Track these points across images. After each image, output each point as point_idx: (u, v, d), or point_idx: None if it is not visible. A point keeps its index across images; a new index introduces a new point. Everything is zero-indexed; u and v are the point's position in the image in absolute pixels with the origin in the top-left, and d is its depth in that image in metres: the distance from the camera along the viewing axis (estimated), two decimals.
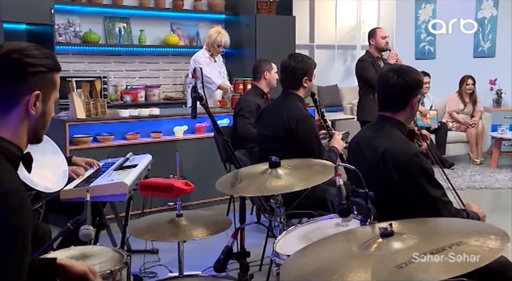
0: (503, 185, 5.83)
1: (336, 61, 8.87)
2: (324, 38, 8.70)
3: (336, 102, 8.34)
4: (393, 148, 2.11)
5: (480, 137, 7.06)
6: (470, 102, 7.21)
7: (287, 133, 3.13)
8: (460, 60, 7.97)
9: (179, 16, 7.04)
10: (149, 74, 6.89)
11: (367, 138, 2.28)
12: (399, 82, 2.18)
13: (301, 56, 3.24)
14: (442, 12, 8.04)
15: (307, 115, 3.16)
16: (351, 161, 2.41)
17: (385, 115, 2.25)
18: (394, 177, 2.07)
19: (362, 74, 5.13)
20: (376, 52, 5.21)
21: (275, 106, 3.34)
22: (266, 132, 3.30)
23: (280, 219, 2.10)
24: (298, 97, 3.24)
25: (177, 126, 4.89)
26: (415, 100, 2.22)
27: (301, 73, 3.20)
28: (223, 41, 5.44)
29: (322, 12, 8.68)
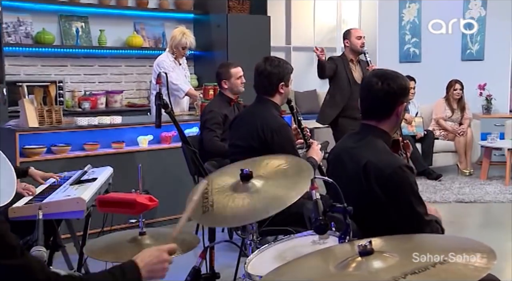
0: (493, 198, 5.93)
1: (314, 65, 8.92)
2: (301, 40, 8.78)
3: (314, 109, 8.38)
4: (375, 160, 2.13)
5: (469, 146, 7.19)
6: (458, 108, 7.34)
7: (262, 143, 3.14)
8: (447, 63, 8.11)
9: (143, 15, 7.03)
10: (110, 79, 6.84)
11: (349, 148, 2.30)
12: (383, 88, 2.20)
13: (277, 60, 3.27)
14: (427, 12, 8.18)
15: (283, 123, 3.18)
16: (331, 173, 2.43)
17: (368, 124, 2.27)
18: (376, 191, 2.09)
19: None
20: (351, 55, 5.27)
21: (249, 114, 3.35)
22: (239, 142, 3.31)
23: (253, 237, 2.11)
24: (273, 104, 3.26)
25: (141, 136, 4.87)
26: (400, 108, 2.24)
27: (277, 78, 3.22)
28: (188, 42, 5.45)
29: (299, 12, 8.76)
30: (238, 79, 4.47)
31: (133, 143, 4.85)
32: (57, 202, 2.75)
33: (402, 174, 2.10)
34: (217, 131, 4.28)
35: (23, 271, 1.37)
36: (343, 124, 5.30)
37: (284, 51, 8.63)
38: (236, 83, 4.47)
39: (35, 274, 1.40)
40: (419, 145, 7.02)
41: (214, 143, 4.23)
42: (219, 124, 4.31)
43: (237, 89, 4.48)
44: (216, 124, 4.29)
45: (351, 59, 5.29)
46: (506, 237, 4.71)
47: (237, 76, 4.47)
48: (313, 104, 8.47)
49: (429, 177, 6.80)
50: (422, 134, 7.09)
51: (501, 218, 5.47)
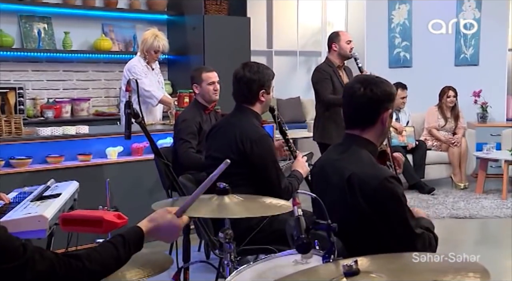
0: (490, 213, 6.00)
1: (298, 70, 9.01)
2: (284, 43, 8.84)
3: (298, 118, 8.45)
4: (360, 172, 2.16)
5: (463, 158, 7.27)
6: (451, 117, 7.43)
7: (240, 155, 3.15)
8: (440, 68, 8.20)
9: (113, 16, 7.03)
10: (76, 85, 6.82)
11: (333, 160, 2.32)
12: (366, 94, 2.23)
13: (257, 65, 3.28)
14: (419, 14, 8.27)
15: (264, 134, 3.19)
16: (315, 188, 2.45)
17: (352, 134, 2.30)
18: (361, 205, 2.11)
19: (316, 87, 5.16)
20: (338, 60, 5.25)
21: (227, 123, 3.36)
22: (216, 154, 3.31)
23: (230, 257, 2.11)
24: (253, 113, 3.27)
25: (110, 147, 4.85)
26: (386, 115, 2.26)
27: (257, 86, 3.24)
28: (161, 46, 5.45)
29: (282, 13, 8.82)
30: (210, 85, 4.45)
31: (101, 155, 4.83)
32: (16, 220, 2.72)
33: (389, 186, 2.12)
34: (192, 142, 4.27)
35: (25, 268, 1.47)
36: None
37: (265, 56, 8.68)
38: (208, 89, 4.46)
39: (35, 267, 1.48)
40: (410, 157, 7.08)
41: (189, 155, 4.23)
42: (194, 134, 4.30)
43: (209, 96, 4.47)
44: (190, 134, 4.29)
45: (339, 65, 5.28)
46: (504, 254, 4.76)
47: (209, 81, 4.46)
48: (297, 112, 8.51)
49: (421, 191, 6.86)
50: (414, 145, 7.16)
51: (498, 234, 5.53)
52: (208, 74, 4.49)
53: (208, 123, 4.42)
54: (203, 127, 4.34)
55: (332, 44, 5.25)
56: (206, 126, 4.37)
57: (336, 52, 5.22)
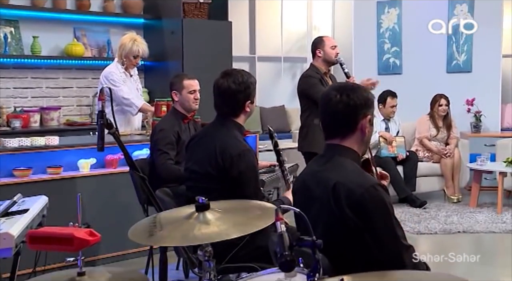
0: (484, 228, 6.04)
1: (282, 77, 9.05)
2: (267, 49, 8.88)
3: (283, 127, 8.46)
4: (345, 181, 2.18)
5: (456, 169, 7.32)
6: (444, 126, 7.49)
7: (220, 170, 3.14)
8: (431, 75, 8.27)
9: (85, 20, 7.01)
10: (46, 93, 6.78)
11: (314, 173, 2.34)
12: (342, 100, 2.27)
13: (240, 75, 3.24)
14: (409, 18, 8.34)
15: (246, 149, 3.16)
16: (298, 204, 2.44)
17: (332, 144, 2.33)
18: (348, 215, 2.13)
19: (310, 92, 5.15)
20: (323, 66, 5.29)
21: (207, 135, 3.34)
22: (194, 167, 3.30)
23: (210, 276, 2.11)
24: (236, 125, 3.26)
25: (82, 160, 4.83)
26: (364, 121, 2.30)
27: (243, 97, 3.22)
28: (141, 50, 5.45)
29: (265, 17, 8.86)
30: (191, 94, 4.45)
31: (73, 167, 4.80)
32: None
33: (375, 194, 2.15)
34: (170, 153, 4.26)
35: None
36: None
37: (247, 62, 8.71)
38: (188, 98, 4.45)
39: None
40: (400, 168, 7.12)
41: (168, 167, 4.22)
42: (172, 144, 4.30)
43: (189, 105, 4.46)
44: (168, 144, 4.28)
45: (325, 71, 5.32)
46: (499, 271, 4.79)
47: (190, 89, 4.45)
48: (282, 122, 8.53)
49: (412, 205, 6.89)
50: (404, 156, 7.20)
51: (493, 250, 5.57)
52: (190, 82, 4.48)
53: (186, 133, 4.42)
54: (182, 137, 4.34)
55: (316, 50, 5.29)
56: (184, 136, 4.37)
57: (321, 58, 5.26)
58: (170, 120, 4.45)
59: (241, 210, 2.31)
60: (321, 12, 9.16)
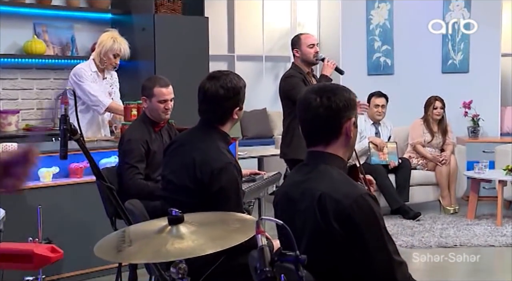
0: (483, 242, 6.08)
1: (264, 78, 9.06)
2: (247, 47, 8.88)
3: (264, 132, 8.48)
4: (331, 191, 2.19)
5: (452, 178, 7.36)
6: (439, 131, 7.53)
7: (198, 184, 3.12)
8: (425, 76, 8.32)
9: (47, 15, 6.97)
10: (3, 95, 6.72)
11: (297, 183, 2.34)
12: (323, 103, 2.27)
13: (229, 78, 3.19)
14: (401, 14, 8.39)
15: (228, 163, 3.12)
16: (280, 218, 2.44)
17: (316, 151, 2.34)
18: (334, 228, 2.14)
19: (293, 94, 5.17)
20: (304, 66, 5.33)
21: (187, 142, 3.30)
22: (171, 177, 3.28)
23: None
24: (220, 133, 3.22)
25: (43, 168, 4.80)
26: (349, 124, 2.31)
27: (232, 104, 3.19)
28: (122, 49, 5.46)
29: (245, 13, 8.87)
30: (161, 103, 4.34)
31: (33, 177, 4.76)
32: None
33: (365, 204, 2.16)
34: (139, 166, 4.22)
35: None
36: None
37: (226, 61, 8.71)
38: (157, 107, 4.33)
39: None
40: (392, 177, 7.15)
41: (136, 183, 4.17)
42: (141, 156, 4.24)
43: (157, 115, 4.36)
44: (137, 157, 4.23)
45: (308, 72, 5.36)
46: None
47: (161, 98, 4.34)
48: (263, 126, 8.54)
49: (405, 216, 6.92)
50: (397, 163, 7.22)
51: (492, 265, 5.61)
52: (161, 90, 4.35)
53: (158, 142, 4.37)
54: (152, 147, 4.28)
55: (293, 48, 5.36)
56: (155, 146, 4.32)
57: (299, 58, 5.32)
58: (139, 127, 4.38)
59: (218, 223, 2.30)
60: (306, 7, 9.18)
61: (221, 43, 8.58)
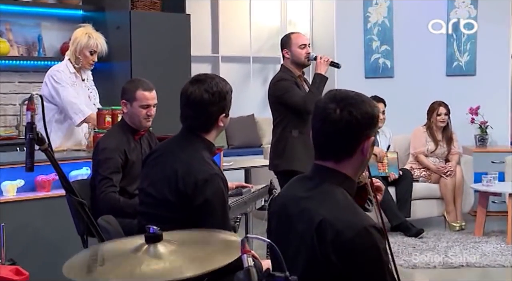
0: (492, 261, 6.08)
1: (252, 81, 9.07)
2: (233, 47, 8.90)
3: (252, 141, 8.49)
4: (333, 218, 2.16)
5: (458, 191, 7.38)
6: (443, 140, 7.55)
7: (180, 197, 3.11)
8: (428, 79, 8.34)
9: (11, 11, 6.96)
10: None
11: (298, 199, 2.31)
12: (343, 117, 2.22)
13: (215, 82, 3.20)
14: (401, 11, 8.42)
15: (213, 173, 3.12)
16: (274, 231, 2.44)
17: (324, 166, 2.30)
18: (332, 259, 2.11)
19: (286, 98, 5.17)
20: (295, 69, 5.33)
21: (169, 152, 3.29)
22: (150, 189, 3.27)
23: None
24: (205, 142, 3.22)
25: (6, 181, 4.78)
26: (367, 143, 2.27)
27: (217, 110, 3.20)
28: (99, 45, 5.44)
29: (231, 9, 8.89)
30: (143, 109, 4.33)
31: None
32: None
33: (368, 238, 2.13)
34: (114, 178, 4.20)
35: None
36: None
37: (210, 62, 8.72)
38: (139, 113, 4.33)
39: None
40: (393, 190, 7.17)
41: (110, 198, 4.15)
42: (116, 167, 4.22)
43: (138, 121, 4.36)
44: (112, 167, 4.22)
45: (299, 74, 5.37)
46: None
47: (143, 103, 4.34)
48: (251, 134, 8.54)
49: (407, 233, 6.93)
50: (397, 175, 7.24)
51: None
52: (144, 94, 4.34)
53: (137, 152, 4.36)
54: (130, 157, 4.27)
55: (283, 49, 5.36)
56: (134, 155, 4.31)
57: (289, 60, 5.32)
58: (117, 135, 4.36)
59: (200, 242, 2.30)
60: (297, 4, 9.21)
61: (204, 43, 8.59)
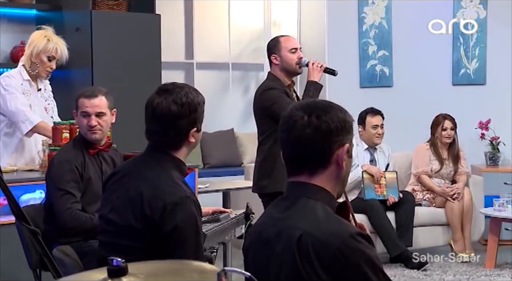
0: None
1: (231, 90, 9.06)
2: (210, 52, 8.91)
3: (232, 160, 8.47)
4: (315, 229, 2.18)
5: (467, 217, 7.38)
6: (449, 158, 7.56)
7: (147, 224, 3.11)
8: (432, 89, 8.37)
9: None
10: None
11: (274, 221, 2.34)
12: (311, 123, 2.27)
13: (184, 92, 3.19)
14: (401, 12, 8.45)
15: (184, 196, 3.12)
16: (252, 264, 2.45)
17: (298, 182, 2.34)
18: (319, 276, 2.14)
19: (274, 110, 5.12)
20: (284, 77, 5.29)
21: (133, 173, 3.29)
22: (112, 216, 3.26)
23: None
24: (174, 161, 3.22)
25: None
26: (341, 152, 2.30)
27: (187, 124, 3.21)
28: (59, 50, 5.44)
29: (207, 9, 8.89)
30: (84, 118, 4.35)
31: None
32: None
33: (356, 246, 2.15)
34: (76, 194, 4.22)
35: None
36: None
37: (183, 69, 8.72)
38: (80, 123, 4.38)
39: None
40: (392, 215, 7.16)
41: (75, 214, 4.15)
42: (77, 182, 4.24)
43: (84, 133, 4.39)
44: (72, 182, 4.23)
45: (289, 84, 5.33)
46: None
47: (82, 110, 4.37)
48: (231, 152, 8.53)
49: (408, 265, 6.91)
50: (397, 199, 7.22)
51: None
52: (83, 101, 4.37)
53: (94, 168, 4.36)
54: (84, 174, 4.28)
55: (271, 55, 5.29)
56: (91, 171, 4.33)
57: (278, 66, 5.24)
58: (71, 149, 4.39)
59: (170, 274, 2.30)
60: (283, 2, 9.22)
61: (176, 47, 8.59)
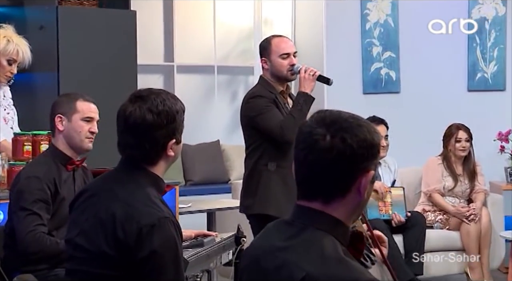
0: None
1: (216, 97, 9.07)
2: (193, 54, 8.94)
3: (217, 176, 8.48)
4: (321, 274, 2.15)
5: (485, 241, 7.38)
6: (464, 174, 7.56)
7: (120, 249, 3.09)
8: (445, 95, 8.39)
9: None
10: None
11: (274, 250, 2.31)
12: (335, 146, 2.21)
13: (161, 99, 3.18)
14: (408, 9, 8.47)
15: (163, 216, 3.12)
16: None
17: (309, 208, 2.29)
18: None
19: (258, 122, 5.14)
20: (276, 83, 5.28)
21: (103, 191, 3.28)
22: (81, 240, 3.25)
23: None
24: (151, 178, 3.23)
25: None
26: (365, 179, 2.25)
27: (166, 135, 3.21)
28: (21, 52, 5.47)
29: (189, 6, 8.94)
30: (86, 123, 4.38)
31: None
32: None
33: None
34: (42, 215, 4.20)
35: None
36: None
37: (161, 73, 8.73)
38: (80, 128, 4.36)
39: None
40: (399, 239, 7.15)
41: (41, 239, 4.14)
42: (46, 202, 4.23)
43: (79, 141, 4.38)
44: (40, 201, 4.21)
45: (282, 90, 5.32)
46: None
47: (85, 115, 4.38)
48: (216, 167, 8.54)
49: None
50: (404, 218, 7.22)
51: None
52: (88, 105, 4.41)
53: (69, 186, 4.36)
54: (61, 191, 4.27)
55: (261, 58, 5.30)
56: (65, 190, 4.32)
57: (268, 71, 5.25)
58: (44, 163, 4.38)
59: None
60: None
61: (154, 48, 8.61)
